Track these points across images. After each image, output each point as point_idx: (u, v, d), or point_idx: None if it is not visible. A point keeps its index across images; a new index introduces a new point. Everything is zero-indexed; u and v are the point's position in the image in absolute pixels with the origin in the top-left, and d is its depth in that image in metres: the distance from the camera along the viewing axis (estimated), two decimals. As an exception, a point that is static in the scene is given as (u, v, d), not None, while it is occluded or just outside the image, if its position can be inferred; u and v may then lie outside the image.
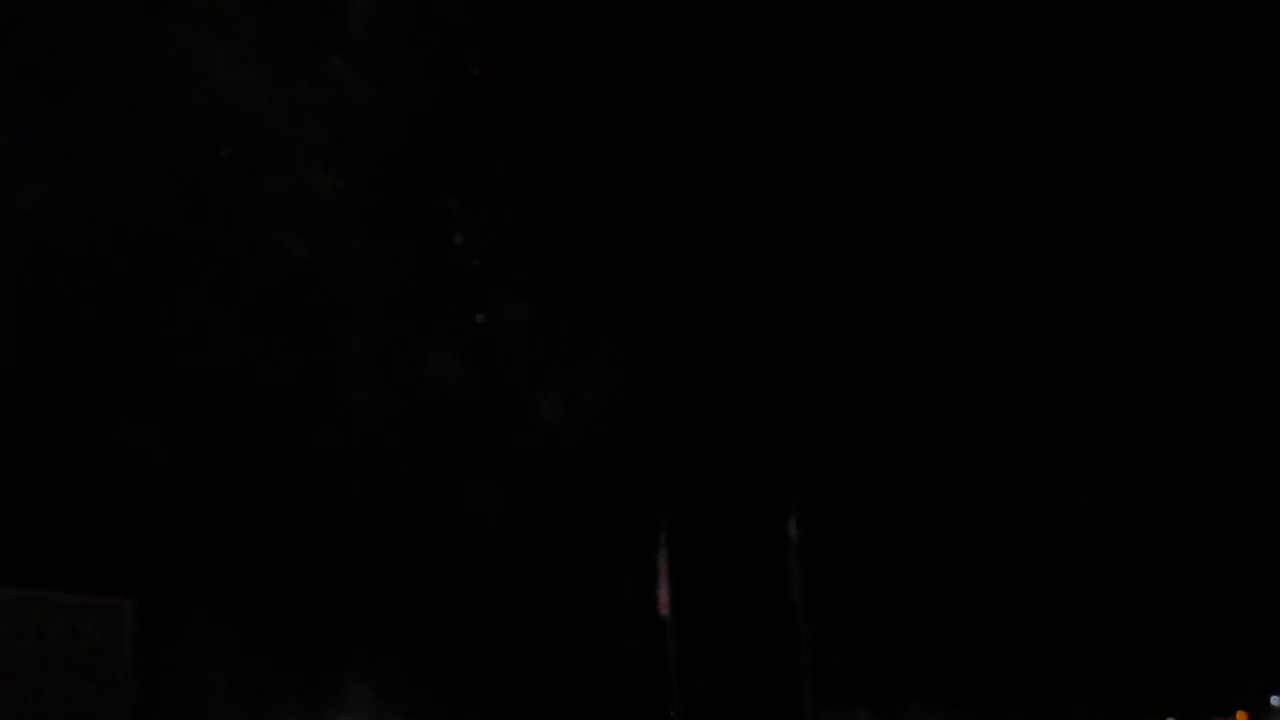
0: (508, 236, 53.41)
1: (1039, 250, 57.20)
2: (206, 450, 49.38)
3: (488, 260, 53.33)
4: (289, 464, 49.88)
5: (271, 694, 47.49)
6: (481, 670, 50.99)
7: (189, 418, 49.42)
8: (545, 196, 54.09)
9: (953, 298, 57.18)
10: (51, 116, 46.96)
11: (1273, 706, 53.28)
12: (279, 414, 49.88)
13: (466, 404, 53.24)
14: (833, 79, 56.52)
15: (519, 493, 52.23)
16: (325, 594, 49.53)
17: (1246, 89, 55.53)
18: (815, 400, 54.67)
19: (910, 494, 54.71)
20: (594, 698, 51.73)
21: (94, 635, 50.24)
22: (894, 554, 54.04)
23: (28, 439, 47.88)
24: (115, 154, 46.90)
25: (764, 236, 56.28)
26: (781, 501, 45.78)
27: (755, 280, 56.60)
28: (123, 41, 47.97)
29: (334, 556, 49.33)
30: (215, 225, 49.59)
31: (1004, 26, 56.22)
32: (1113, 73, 57.04)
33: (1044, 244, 57.30)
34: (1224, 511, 54.37)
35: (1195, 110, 56.62)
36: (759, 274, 56.60)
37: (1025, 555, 54.01)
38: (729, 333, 55.21)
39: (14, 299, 46.97)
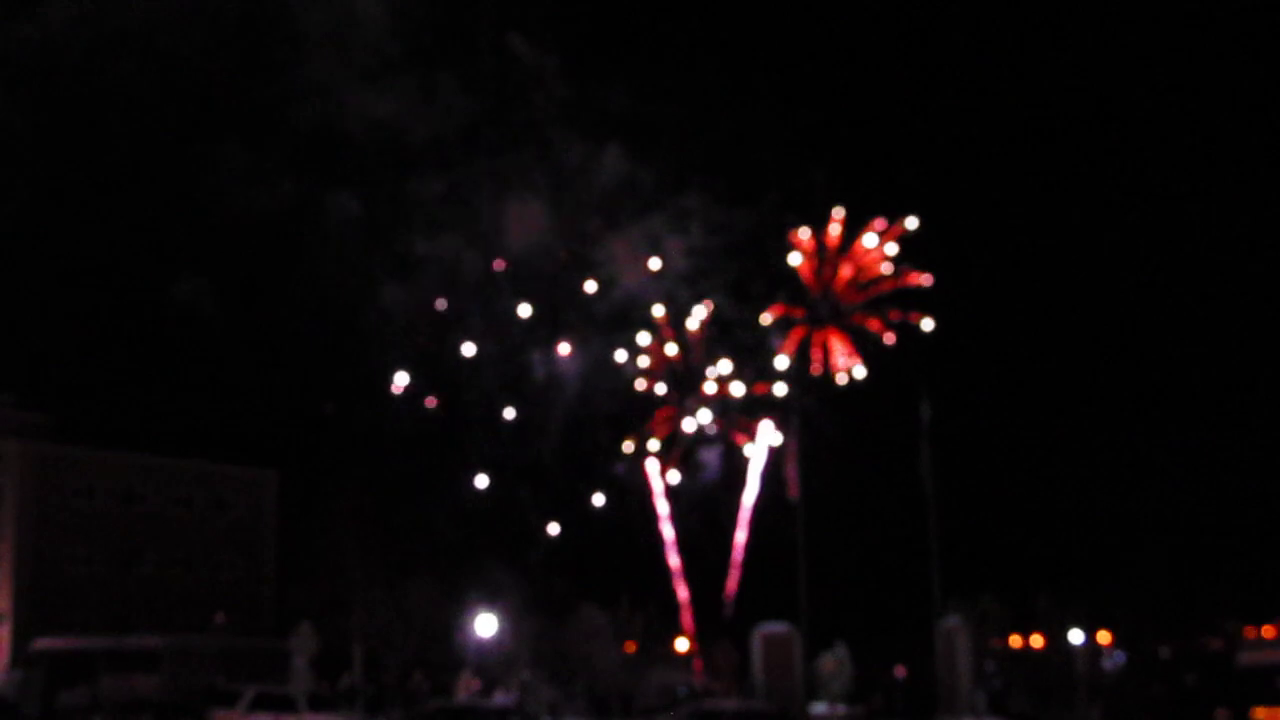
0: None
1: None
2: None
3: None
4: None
5: (406, 566, 48.14)
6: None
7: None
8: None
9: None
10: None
11: None
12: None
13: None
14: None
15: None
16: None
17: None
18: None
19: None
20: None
21: (240, 504, 52.11)
22: (1027, 443, 53.44)
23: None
24: None
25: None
26: (914, 385, 45.32)
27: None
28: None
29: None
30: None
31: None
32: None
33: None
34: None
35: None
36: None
37: (1155, 448, 53.12)
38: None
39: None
